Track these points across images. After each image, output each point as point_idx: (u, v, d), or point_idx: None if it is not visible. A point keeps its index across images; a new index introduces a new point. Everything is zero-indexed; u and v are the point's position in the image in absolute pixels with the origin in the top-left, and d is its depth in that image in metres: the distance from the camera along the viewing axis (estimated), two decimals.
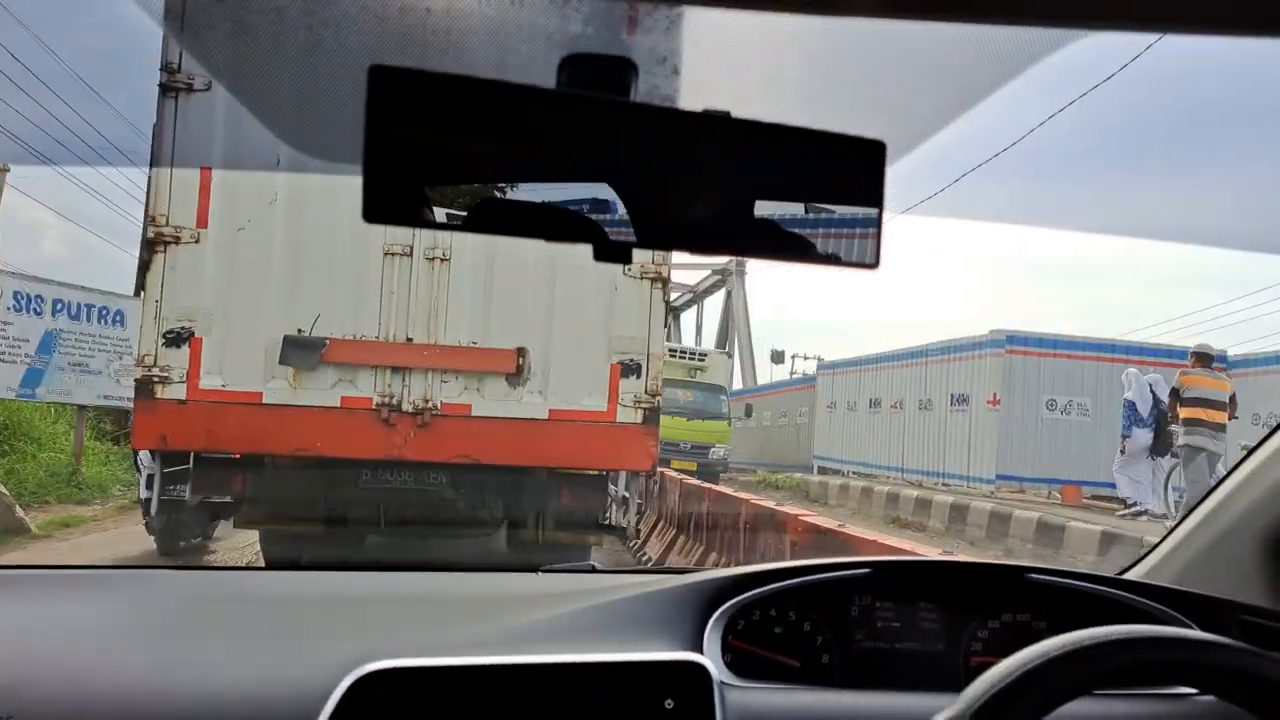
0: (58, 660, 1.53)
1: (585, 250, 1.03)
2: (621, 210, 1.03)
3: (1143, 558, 2.05)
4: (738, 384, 39.30)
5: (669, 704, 1.51)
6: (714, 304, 36.08)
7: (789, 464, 30.54)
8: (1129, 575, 2.00)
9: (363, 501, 8.12)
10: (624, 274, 7.99)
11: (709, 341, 39.35)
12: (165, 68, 7.48)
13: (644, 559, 11.19)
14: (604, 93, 1.03)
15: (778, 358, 44.27)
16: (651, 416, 8.18)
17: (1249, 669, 1.11)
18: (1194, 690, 1.60)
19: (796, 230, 1.10)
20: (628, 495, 8.36)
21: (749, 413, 29.00)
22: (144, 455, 7.88)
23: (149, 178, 7.97)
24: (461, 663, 1.51)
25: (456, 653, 1.54)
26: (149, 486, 7.90)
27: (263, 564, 9.15)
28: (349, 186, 0.97)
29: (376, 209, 0.95)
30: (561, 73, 1.03)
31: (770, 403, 36.22)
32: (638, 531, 9.52)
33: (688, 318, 40.23)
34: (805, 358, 46.09)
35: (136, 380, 7.81)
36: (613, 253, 1.06)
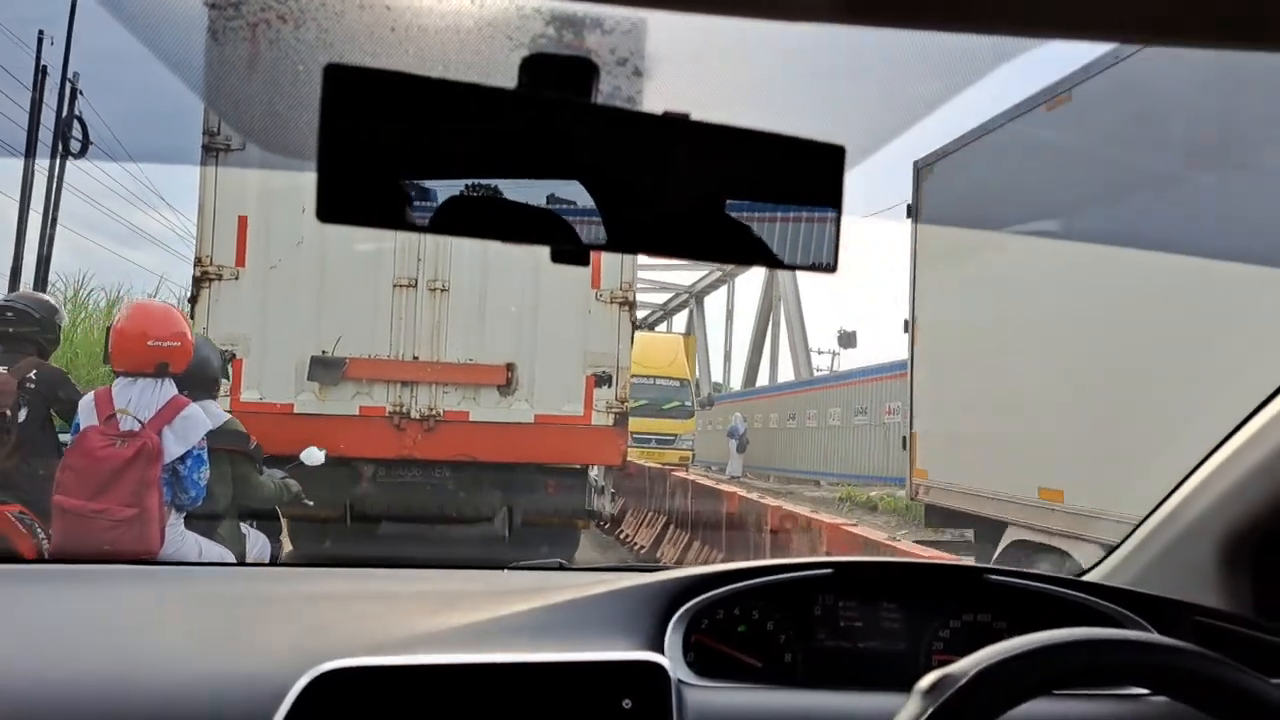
0: (15, 656, 1.30)
1: (565, 278, 0.87)
2: (579, 212, 0.85)
3: (1102, 560, 1.84)
4: (786, 375, 29.55)
5: (627, 704, 1.28)
6: (746, 284, 30.57)
7: (871, 475, 21.06)
8: (1088, 577, 1.78)
9: (378, 494, 8.07)
10: (595, 299, 8.01)
11: (743, 332, 29.96)
12: (207, 131, 7.54)
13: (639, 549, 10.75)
14: (564, 94, 0.85)
15: (847, 340, 29.86)
16: (621, 420, 8.16)
17: (1197, 670, 0.95)
18: (1147, 691, 1.42)
19: (754, 233, 0.92)
20: (604, 485, 8.36)
21: None
22: None
23: (196, 225, 7.89)
24: (418, 661, 1.27)
25: (417, 650, 1.31)
26: None
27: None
28: (360, 229, 0.80)
29: (331, 208, 0.76)
30: (522, 73, 0.85)
31: (839, 397, 23.91)
32: (613, 516, 9.38)
33: (714, 302, 31.52)
34: (819, 352, 33.21)
35: None
36: (570, 255, 0.87)
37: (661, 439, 21.44)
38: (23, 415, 5.19)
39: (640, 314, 20.81)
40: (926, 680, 0.91)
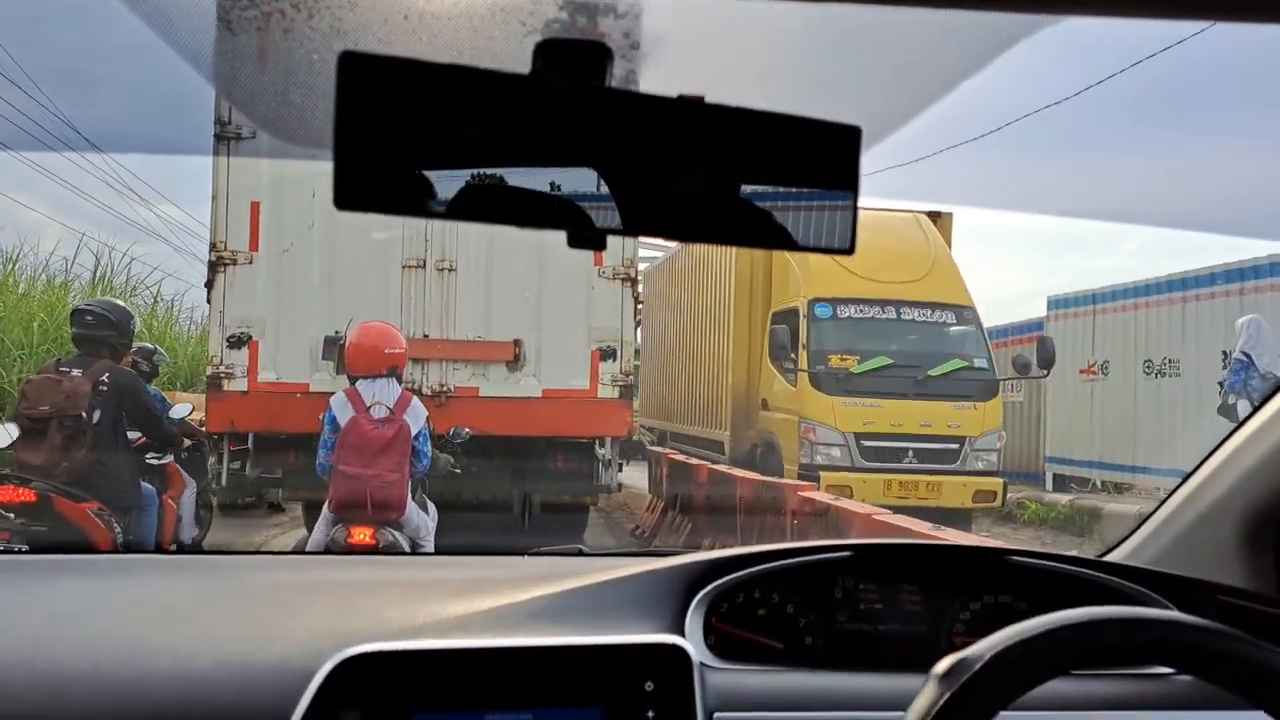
0: (43, 645, 1.28)
1: (568, 256, 0.84)
2: (596, 197, 0.82)
3: (1124, 540, 1.80)
4: None
5: (649, 686, 1.25)
6: None
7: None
8: (1110, 557, 1.75)
9: None
10: (598, 276, 8.00)
11: None
12: (218, 120, 7.54)
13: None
14: (578, 78, 0.81)
15: None
16: (626, 392, 8.17)
17: (1222, 649, 0.92)
18: (1171, 670, 1.39)
19: (771, 215, 0.89)
20: (611, 458, 8.35)
21: None
22: None
23: (210, 212, 7.87)
24: (442, 646, 1.26)
25: (440, 635, 1.29)
26: (219, 463, 7.86)
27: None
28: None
29: (348, 196, 0.73)
30: (536, 58, 0.81)
31: None
32: (620, 486, 9.25)
33: None
34: None
35: (208, 376, 7.87)
36: (586, 239, 0.85)
37: (928, 446, 9.77)
38: (96, 416, 5.38)
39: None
40: (942, 665, 0.88)
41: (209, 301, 7.92)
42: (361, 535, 4.73)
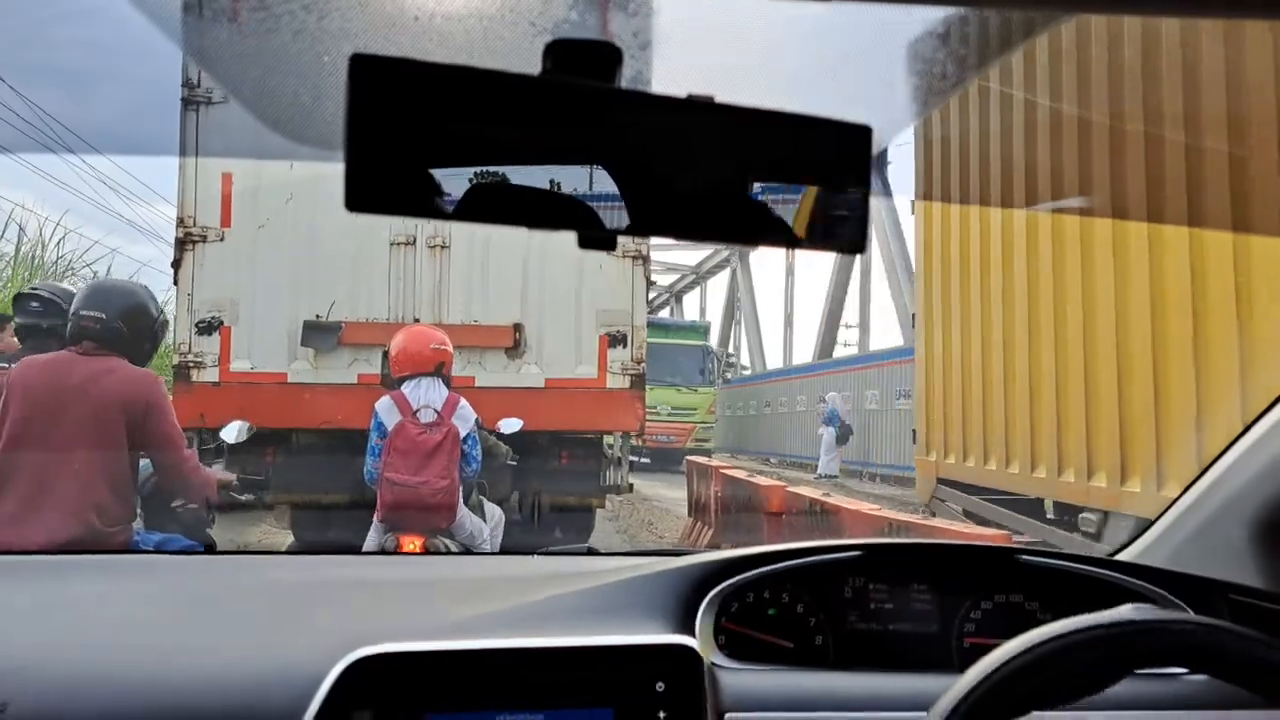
0: (57, 646, 1.40)
1: (573, 235, 0.92)
2: (606, 197, 0.91)
3: (1135, 538, 1.91)
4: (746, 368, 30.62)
5: (660, 686, 1.37)
6: (717, 285, 29.22)
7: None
8: (1121, 556, 1.86)
9: None
10: (607, 254, 7.92)
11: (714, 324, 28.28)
12: (186, 84, 7.50)
13: None
14: (588, 79, 0.90)
15: None
16: (638, 382, 8.15)
17: (1238, 649, 1.01)
18: (1184, 670, 1.49)
19: (781, 216, 0.98)
20: (621, 455, 8.33)
21: None
22: None
23: (177, 184, 7.86)
24: (453, 647, 1.37)
25: (451, 636, 1.41)
26: None
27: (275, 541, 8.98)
28: None
29: (359, 198, 0.82)
30: (545, 59, 0.90)
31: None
32: (630, 487, 9.30)
33: (691, 300, 32.34)
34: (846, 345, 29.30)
35: (174, 366, 7.86)
36: (597, 240, 0.93)
37: None
38: None
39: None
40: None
41: (176, 283, 7.86)
42: (412, 545, 4.96)
